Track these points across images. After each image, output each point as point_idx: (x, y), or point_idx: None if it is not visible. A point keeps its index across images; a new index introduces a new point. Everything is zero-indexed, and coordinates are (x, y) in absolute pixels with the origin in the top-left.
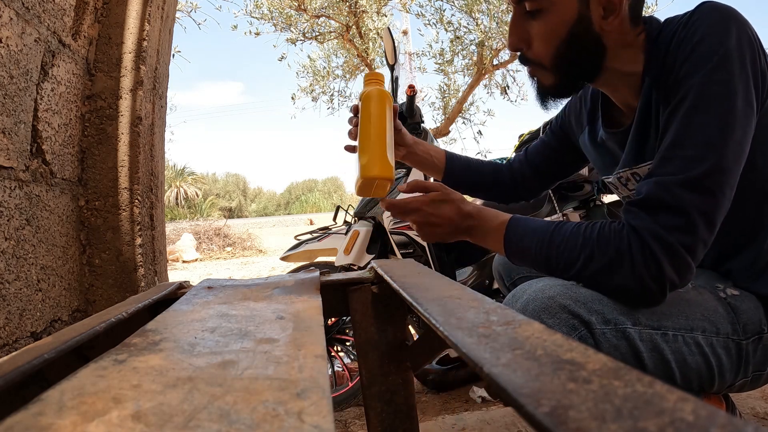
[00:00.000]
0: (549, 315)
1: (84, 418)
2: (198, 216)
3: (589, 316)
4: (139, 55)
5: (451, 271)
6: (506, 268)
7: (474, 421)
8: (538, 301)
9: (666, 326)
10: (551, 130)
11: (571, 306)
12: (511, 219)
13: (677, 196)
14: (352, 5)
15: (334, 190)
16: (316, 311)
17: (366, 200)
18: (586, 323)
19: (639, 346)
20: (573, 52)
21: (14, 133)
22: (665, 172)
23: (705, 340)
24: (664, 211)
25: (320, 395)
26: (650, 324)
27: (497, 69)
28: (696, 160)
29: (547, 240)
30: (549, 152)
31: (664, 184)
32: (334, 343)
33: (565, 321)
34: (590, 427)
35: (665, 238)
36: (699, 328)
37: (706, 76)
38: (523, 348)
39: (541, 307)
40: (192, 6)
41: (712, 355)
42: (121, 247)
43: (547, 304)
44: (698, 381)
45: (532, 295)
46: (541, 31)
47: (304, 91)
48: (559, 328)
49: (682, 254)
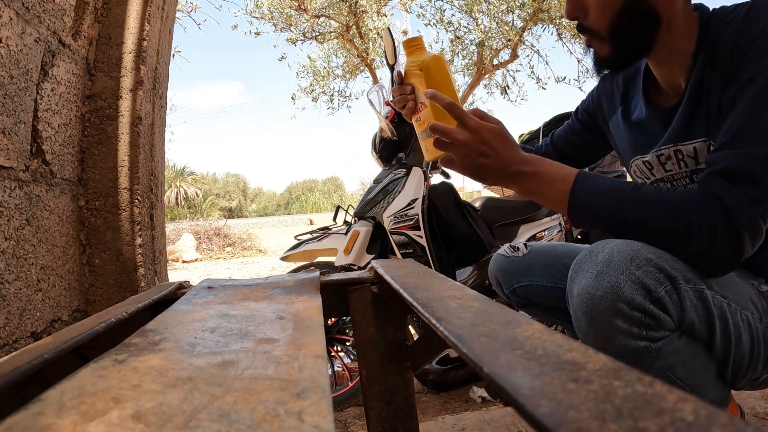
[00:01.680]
0: (636, 266)
1: (84, 418)
2: (198, 216)
3: (673, 272)
4: (139, 55)
5: (451, 271)
6: (505, 275)
7: (474, 421)
8: (624, 253)
9: (729, 297)
10: (577, 116)
11: (656, 260)
12: (580, 173)
13: (758, 169)
14: (352, 5)
15: (334, 190)
16: (316, 311)
17: (366, 200)
18: (671, 278)
19: (713, 310)
20: (629, 22)
21: (14, 133)
22: (745, 145)
23: (753, 321)
24: (748, 183)
25: (320, 395)
26: (719, 292)
27: (497, 69)
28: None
29: (625, 199)
30: (575, 138)
31: (748, 157)
32: (334, 343)
33: (651, 274)
34: (590, 427)
35: (748, 211)
36: (749, 309)
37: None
38: (523, 348)
39: (628, 258)
40: (192, 6)
41: (756, 338)
42: (121, 247)
43: (634, 256)
44: (740, 364)
45: (616, 247)
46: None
47: (304, 91)
48: (647, 280)
49: (760, 226)
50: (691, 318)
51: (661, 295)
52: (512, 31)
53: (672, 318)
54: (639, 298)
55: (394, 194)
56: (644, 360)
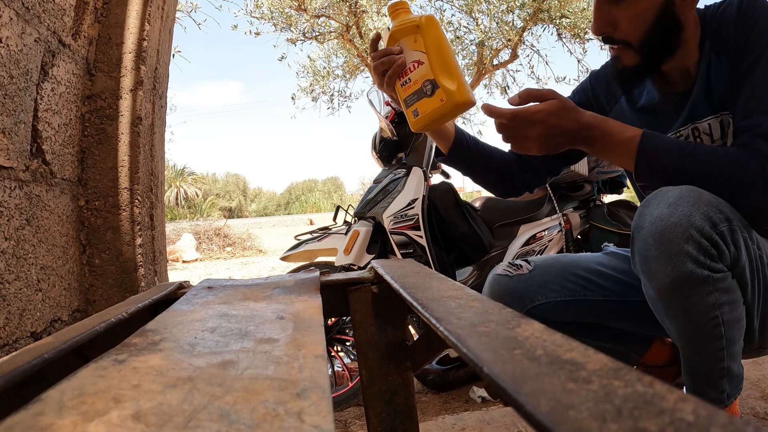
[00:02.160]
0: (704, 203)
1: (84, 418)
2: (198, 216)
3: (731, 215)
4: (139, 55)
5: (451, 271)
6: (514, 296)
7: (474, 421)
8: (693, 192)
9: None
10: None
11: (717, 203)
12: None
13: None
14: (352, 5)
15: (334, 190)
16: (316, 311)
17: (366, 200)
18: (728, 220)
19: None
20: (660, 34)
21: (14, 133)
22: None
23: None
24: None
25: (320, 395)
26: (758, 244)
27: (497, 69)
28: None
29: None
30: None
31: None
32: (334, 343)
33: (715, 212)
34: (590, 427)
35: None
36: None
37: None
38: (523, 348)
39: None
40: (192, 6)
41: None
42: (121, 247)
43: (700, 195)
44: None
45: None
46: (629, 15)
47: (304, 91)
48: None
49: None
50: (743, 261)
51: (724, 229)
52: (512, 31)
53: (730, 254)
54: (708, 227)
55: (394, 194)
56: (702, 290)
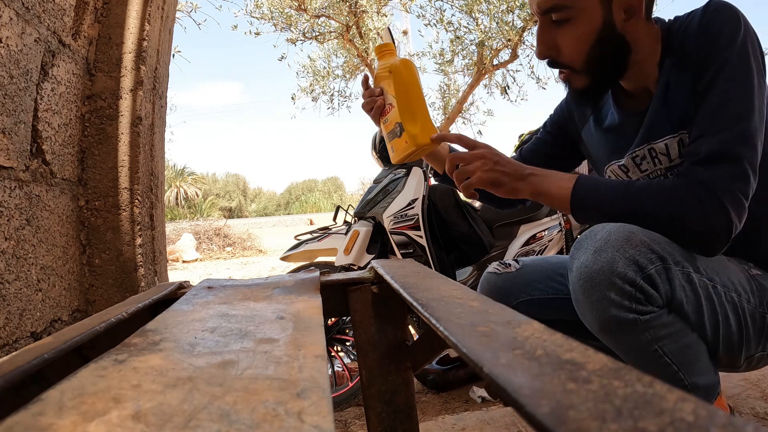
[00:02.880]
0: (631, 245)
1: (84, 418)
2: (198, 216)
3: (664, 253)
4: (139, 55)
5: (451, 271)
6: (502, 293)
7: (474, 421)
8: (621, 233)
9: (715, 280)
10: (546, 129)
11: (648, 242)
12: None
13: (733, 150)
14: (352, 5)
15: (334, 190)
16: (316, 311)
17: (366, 200)
18: (661, 258)
19: (699, 291)
20: (602, 55)
21: (14, 133)
22: (717, 131)
23: (739, 303)
24: (724, 162)
25: (320, 395)
26: (706, 274)
27: (497, 69)
28: (741, 119)
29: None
30: (547, 150)
31: (721, 140)
32: (334, 343)
33: (644, 253)
34: (590, 427)
35: (729, 187)
36: (736, 291)
37: (732, 55)
38: (523, 348)
39: (623, 238)
40: (192, 6)
41: (742, 318)
42: (121, 247)
43: (629, 236)
44: (730, 342)
45: (614, 228)
46: (570, 38)
47: (304, 91)
48: (639, 258)
49: (742, 200)
50: (680, 297)
51: (652, 272)
52: (512, 31)
53: (661, 295)
54: (631, 273)
55: (394, 194)
56: (632, 331)
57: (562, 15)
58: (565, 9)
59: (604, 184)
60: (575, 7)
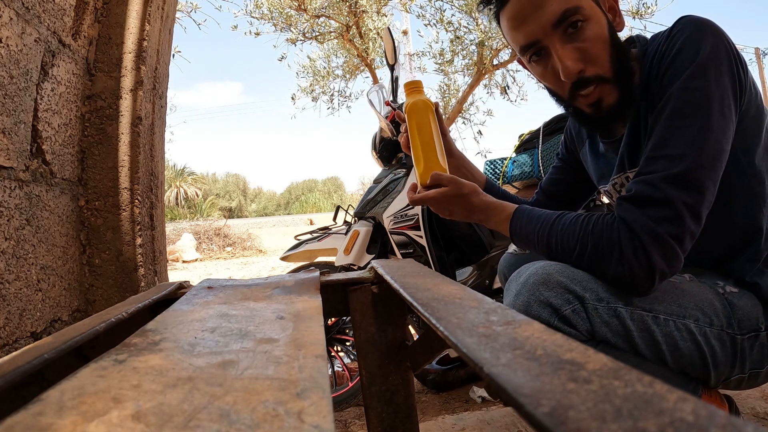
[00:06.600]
0: (546, 288)
1: (84, 418)
2: (198, 216)
3: (583, 292)
4: (139, 55)
5: (451, 271)
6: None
7: (474, 421)
8: (538, 276)
9: (657, 310)
10: (559, 157)
11: (566, 283)
12: (516, 210)
13: (663, 191)
14: (352, 5)
15: (334, 190)
16: (316, 311)
17: (366, 200)
18: (579, 298)
19: (629, 324)
20: (620, 58)
21: (14, 133)
22: (651, 171)
23: (697, 328)
24: (651, 204)
25: (320, 395)
26: (642, 306)
27: (497, 69)
28: (678, 158)
29: (549, 227)
30: (562, 177)
31: (651, 181)
32: (334, 343)
33: (560, 294)
34: (590, 427)
35: (654, 229)
36: (691, 317)
37: (684, 83)
38: (523, 348)
39: (539, 281)
40: (192, 6)
41: (704, 344)
42: (121, 247)
43: (546, 279)
44: (692, 368)
45: (533, 270)
46: (592, 40)
47: (304, 91)
48: (555, 300)
49: (670, 243)
50: (602, 333)
51: (567, 312)
52: None
53: (582, 333)
54: (545, 315)
55: (394, 194)
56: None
57: (578, 17)
58: (577, 11)
59: (537, 217)
60: (584, 7)
